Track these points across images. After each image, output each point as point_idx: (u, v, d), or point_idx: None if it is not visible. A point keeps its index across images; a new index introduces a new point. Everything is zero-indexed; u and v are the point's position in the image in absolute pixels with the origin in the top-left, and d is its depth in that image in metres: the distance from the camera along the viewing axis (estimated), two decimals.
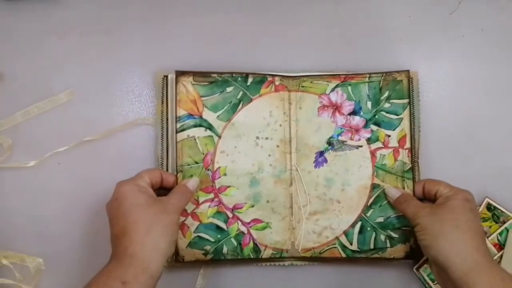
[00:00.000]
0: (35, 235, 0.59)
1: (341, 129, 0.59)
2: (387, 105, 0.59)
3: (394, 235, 0.58)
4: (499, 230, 0.59)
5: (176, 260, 0.57)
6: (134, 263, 0.46)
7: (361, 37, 0.63)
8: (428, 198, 0.56)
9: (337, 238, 0.58)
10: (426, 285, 0.59)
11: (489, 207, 0.60)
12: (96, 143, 0.60)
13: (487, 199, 0.60)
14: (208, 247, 0.57)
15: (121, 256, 0.46)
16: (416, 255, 0.58)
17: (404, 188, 0.58)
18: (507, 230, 0.60)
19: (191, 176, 0.57)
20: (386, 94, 0.59)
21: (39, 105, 0.60)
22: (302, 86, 0.59)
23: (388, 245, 0.58)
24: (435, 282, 0.59)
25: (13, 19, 0.61)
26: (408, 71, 0.59)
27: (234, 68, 0.59)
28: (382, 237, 0.58)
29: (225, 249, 0.57)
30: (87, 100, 0.60)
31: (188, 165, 0.57)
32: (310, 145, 0.59)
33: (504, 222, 0.60)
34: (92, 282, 0.45)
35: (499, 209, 0.60)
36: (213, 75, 0.58)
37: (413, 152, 0.59)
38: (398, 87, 0.59)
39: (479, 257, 0.47)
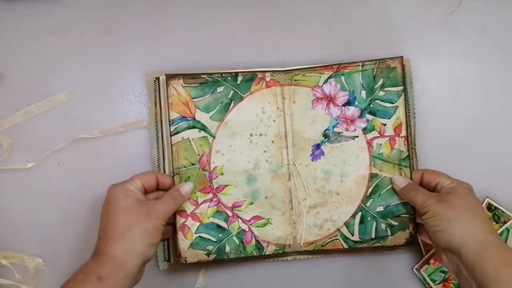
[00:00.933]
0: (34, 235, 0.60)
1: (336, 120, 0.59)
2: (381, 93, 0.59)
3: (394, 223, 0.59)
4: (499, 230, 0.60)
5: (178, 262, 0.58)
6: (109, 260, 0.48)
7: (361, 36, 0.63)
8: (426, 188, 0.56)
9: (338, 229, 0.59)
10: (426, 285, 0.60)
11: (489, 207, 0.61)
12: (95, 144, 0.61)
13: (487, 200, 0.61)
14: (210, 247, 0.58)
15: (98, 254, 0.49)
16: (415, 241, 0.59)
17: None
18: (508, 230, 0.60)
19: (188, 178, 0.58)
20: (380, 82, 0.59)
21: (38, 105, 0.61)
22: (295, 80, 0.59)
23: (389, 233, 0.59)
24: (436, 282, 0.60)
25: (13, 19, 0.62)
26: (401, 57, 0.59)
27: (234, 67, 0.60)
28: (383, 226, 0.59)
29: (227, 248, 0.58)
30: (86, 100, 0.61)
31: (185, 167, 0.58)
32: (306, 138, 0.59)
33: (504, 222, 0.60)
34: (70, 279, 0.47)
35: (499, 209, 0.60)
36: (203, 76, 0.58)
37: (409, 140, 0.59)
38: (392, 74, 0.59)
39: (492, 238, 0.49)
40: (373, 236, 0.59)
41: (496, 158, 0.62)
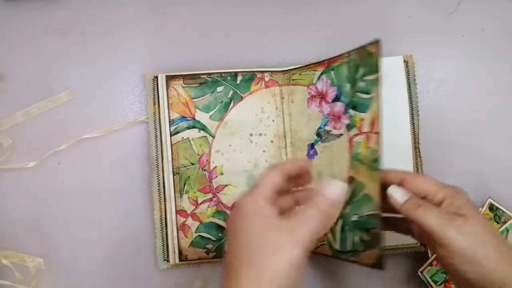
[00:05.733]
0: (35, 235, 0.62)
1: (327, 118, 0.59)
2: (361, 83, 0.53)
3: (366, 237, 0.52)
4: (499, 230, 0.62)
5: (179, 260, 0.61)
6: None
7: (361, 36, 0.64)
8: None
9: (326, 234, 0.57)
10: (429, 287, 0.61)
11: (491, 207, 0.62)
12: (96, 144, 0.63)
13: (489, 200, 0.62)
14: (210, 246, 0.61)
15: None
16: (383, 265, 0.49)
17: None
18: (507, 230, 0.62)
19: (188, 177, 0.61)
20: (361, 72, 0.53)
21: (39, 105, 0.63)
22: (293, 80, 0.62)
23: (362, 248, 0.52)
24: (437, 283, 0.61)
25: (13, 19, 0.64)
26: (378, 41, 0.51)
27: (233, 67, 0.62)
28: (357, 239, 0.53)
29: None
30: (87, 100, 0.63)
31: (185, 166, 0.61)
32: (303, 138, 0.62)
33: (505, 222, 0.62)
34: None
35: (500, 210, 0.62)
36: (202, 76, 0.62)
37: (413, 138, 0.61)
38: (370, 61, 0.52)
39: None
40: (349, 248, 0.54)
41: (497, 158, 0.64)
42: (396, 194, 0.47)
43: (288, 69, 0.62)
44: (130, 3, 0.65)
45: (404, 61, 0.62)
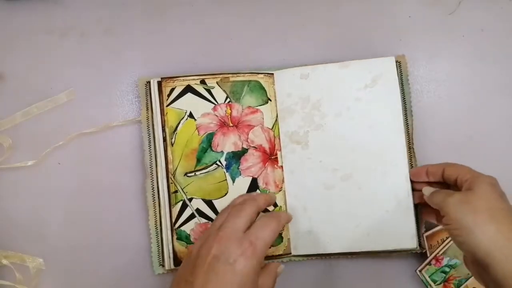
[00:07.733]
0: (35, 235, 0.62)
1: None
2: None
3: None
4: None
5: (174, 265, 0.60)
6: None
7: (361, 37, 0.66)
8: (448, 185, 0.55)
9: None
10: (428, 286, 0.62)
11: None
12: (95, 143, 0.63)
13: None
14: None
15: None
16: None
17: None
18: None
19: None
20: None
21: (39, 105, 0.63)
22: None
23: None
24: (437, 283, 0.61)
25: (13, 19, 0.65)
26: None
27: (233, 67, 0.63)
28: None
29: None
30: (87, 100, 0.64)
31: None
32: None
33: None
34: None
35: None
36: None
37: (408, 138, 0.62)
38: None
39: None
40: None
41: (497, 158, 0.64)
42: (425, 191, 0.55)
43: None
44: (129, 3, 0.65)
45: (397, 61, 0.63)
